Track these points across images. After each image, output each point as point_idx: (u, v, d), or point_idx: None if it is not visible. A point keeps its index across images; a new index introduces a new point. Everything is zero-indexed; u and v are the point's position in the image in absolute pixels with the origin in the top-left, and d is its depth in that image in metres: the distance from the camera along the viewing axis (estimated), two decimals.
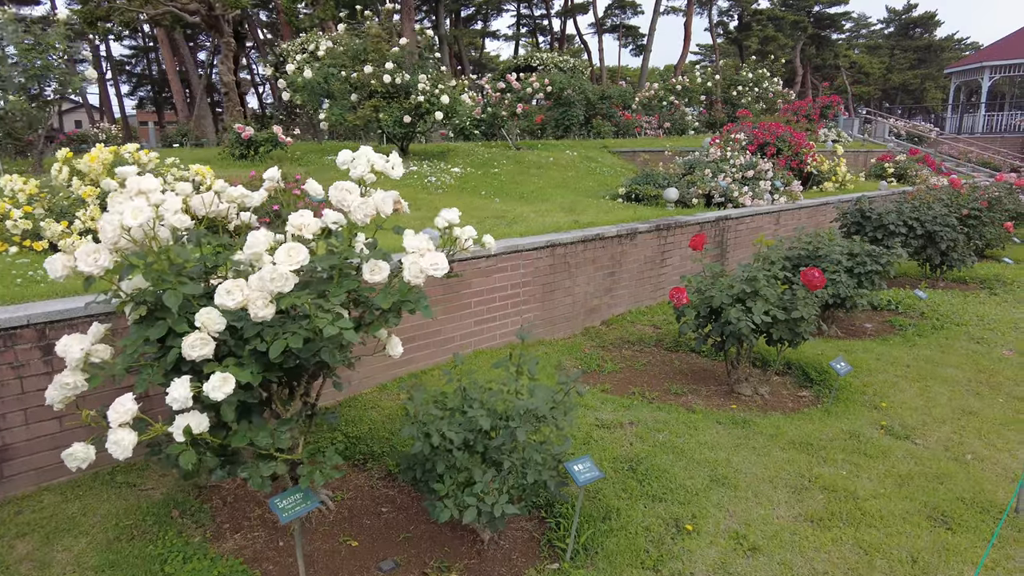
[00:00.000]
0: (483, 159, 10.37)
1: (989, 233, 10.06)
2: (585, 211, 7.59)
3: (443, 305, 5.03)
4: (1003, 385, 4.78)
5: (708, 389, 4.99)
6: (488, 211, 7.31)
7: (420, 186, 8.26)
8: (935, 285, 8.48)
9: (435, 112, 8.73)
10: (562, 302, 5.98)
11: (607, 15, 45.76)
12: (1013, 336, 6.02)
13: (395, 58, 9.18)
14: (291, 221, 2.58)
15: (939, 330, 6.16)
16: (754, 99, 16.25)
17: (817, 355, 5.35)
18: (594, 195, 8.87)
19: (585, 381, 5.14)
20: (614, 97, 16.45)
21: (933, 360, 5.26)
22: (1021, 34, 23.71)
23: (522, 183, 9.21)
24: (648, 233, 6.69)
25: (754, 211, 8.14)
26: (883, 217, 8.12)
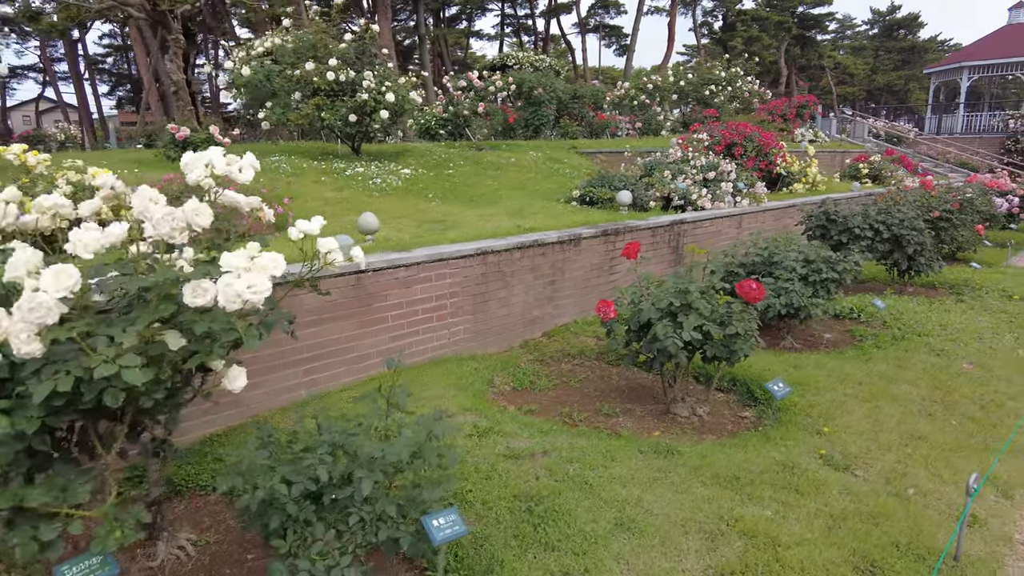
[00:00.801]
0: (439, 160, 9.95)
1: (961, 236, 9.76)
2: (533, 215, 7.19)
3: (356, 319, 4.61)
4: (958, 404, 4.41)
5: (643, 409, 4.59)
6: (429, 215, 6.90)
7: (363, 188, 7.83)
8: (903, 290, 8.14)
9: (380, 111, 8.30)
10: (497, 313, 5.58)
11: (590, 15, 45.46)
12: (976, 347, 5.67)
13: (341, 54, 8.74)
14: (71, 236, 2.15)
15: (899, 341, 5.80)
16: (728, 98, 15.92)
17: (764, 370, 4.97)
18: (550, 198, 8.48)
19: (513, 401, 4.74)
20: (586, 96, 16.08)
21: (888, 376, 4.89)
22: (999, 34, 23.58)
23: (475, 185, 8.80)
24: (594, 239, 6.30)
25: (713, 214, 7.77)
26: (848, 220, 7.78)
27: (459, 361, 5.23)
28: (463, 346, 5.37)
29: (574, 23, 45.77)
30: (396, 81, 8.86)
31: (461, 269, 5.21)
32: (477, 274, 5.33)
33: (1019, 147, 19.45)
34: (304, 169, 8.35)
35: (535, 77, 15.21)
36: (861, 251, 7.64)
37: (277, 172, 8.09)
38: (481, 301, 5.41)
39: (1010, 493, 3.35)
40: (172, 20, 10.97)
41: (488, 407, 4.41)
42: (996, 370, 5.10)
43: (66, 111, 40.54)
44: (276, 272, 2.65)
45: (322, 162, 8.79)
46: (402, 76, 9.15)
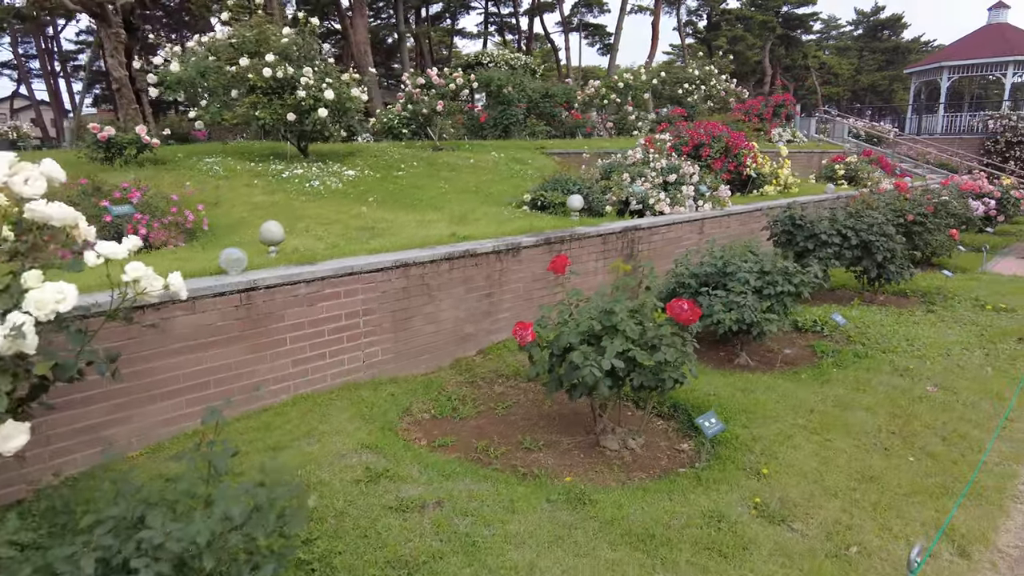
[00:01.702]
0: (392, 160, 9.43)
1: (935, 241, 9.37)
2: (476, 221, 6.69)
3: (246, 343, 4.09)
4: (918, 435, 3.96)
5: (571, 441, 4.11)
6: (361, 221, 6.38)
7: (297, 192, 7.29)
8: (873, 299, 7.72)
9: (319, 109, 7.76)
10: (422, 331, 5.07)
11: (573, 13, 45.03)
12: (942, 364, 5.24)
13: (281, 50, 8.20)
14: None
15: (862, 359, 5.36)
16: (703, 98, 15.50)
17: (709, 395, 4.50)
18: (501, 202, 7.98)
19: (428, 433, 4.24)
20: (558, 95, 15.60)
21: (844, 402, 4.43)
22: (978, 35, 23.37)
23: (424, 188, 8.29)
24: (536, 247, 5.81)
25: (672, 219, 7.30)
26: (815, 225, 7.35)
27: (375, 386, 4.72)
28: (382, 369, 4.86)
29: (557, 21, 45.32)
30: (338, 78, 8.33)
31: (378, 283, 4.70)
32: (397, 288, 4.82)
33: (998, 148, 19.20)
34: (238, 171, 7.81)
35: (504, 75, 14.72)
36: (828, 258, 7.23)
37: (207, 175, 7.54)
38: (403, 318, 4.91)
39: (967, 550, 2.89)
40: (112, 14, 10.36)
41: (392, 443, 3.91)
42: (962, 392, 4.66)
43: (38, 109, 39.59)
44: (63, 307, 2.14)
45: (260, 164, 8.25)
46: (344, 72, 8.62)
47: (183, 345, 3.86)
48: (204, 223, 5.99)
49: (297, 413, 4.22)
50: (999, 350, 5.66)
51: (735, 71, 51.66)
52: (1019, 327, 6.31)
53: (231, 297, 4.02)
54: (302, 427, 4.03)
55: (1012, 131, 18.99)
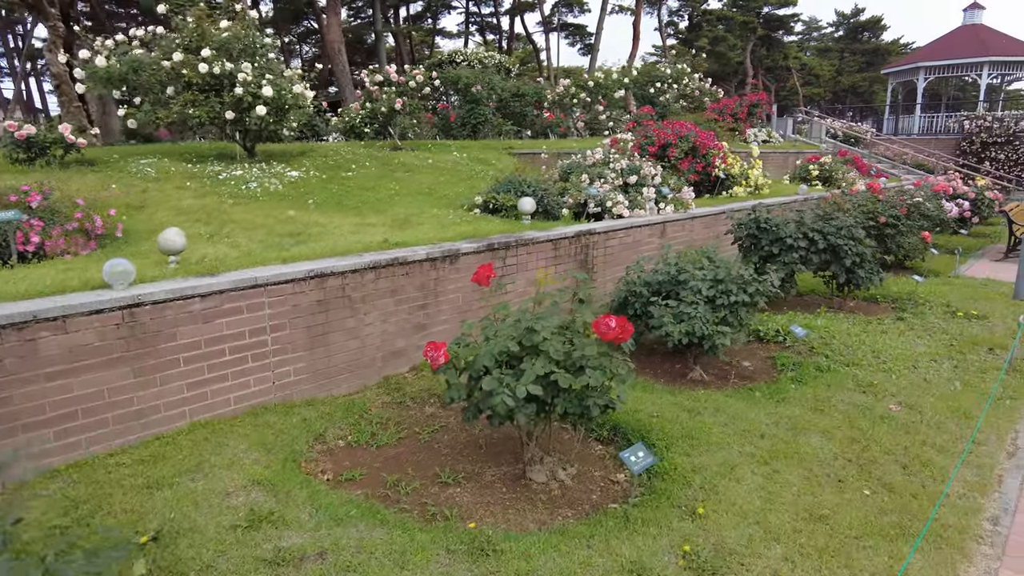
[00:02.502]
0: (343, 160, 8.96)
1: (907, 243, 9.08)
2: (419, 225, 6.26)
3: (129, 365, 3.63)
4: (875, 463, 3.58)
5: (496, 472, 3.69)
6: (291, 226, 5.92)
7: (231, 195, 6.81)
8: (842, 305, 7.39)
9: (257, 107, 7.28)
10: (344, 347, 4.62)
11: (554, 12, 44.71)
12: (908, 379, 4.88)
13: (220, 44, 7.71)
14: None
15: (823, 373, 4.99)
16: (676, 97, 15.17)
17: (652, 417, 4.10)
18: (453, 204, 7.55)
19: (338, 464, 3.80)
20: (528, 94, 15.20)
21: (799, 424, 4.05)
22: (953, 35, 23.32)
23: (373, 189, 7.84)
24: (477, 254, 5.39)
25: (630, 223, 6.91)
26: (780, 229, 6.99)
27: (287, 410, 4.27)
28: (296, 390, 4.41)
29: (538, 21, 44.98)
30: (280, 74, 7.86)
31: (288, 296, 4.25)
32: (311, 301, 4.37)
33: (974, 148, 19.09)
34: (171, 173, 7.30)
35: (472, 74, 14.30)
36: (794, 263, 6.89)
37: (136, 177, 7.03)
38: (320, 334, 4.46)
39: None
40: (48, 7, 9.79)
41: (291, 478, 3.46)
42: (927, 411, 4.30)
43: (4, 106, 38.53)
44: None
45: (198, 165, 7.75)
46: (288, 69, 8.14)
47: (53, 370, 3.39)
48: (118, 229, 5.50)
49: (190, 443, 3.76)
50: (968, 362, 5.33)
51: (717, 72, 51.76)
52: (990, 336, 6.00)
53: (112, 315, 3.56)
54: (192, 459, 3.58)
55: (987, 132, 18.89)
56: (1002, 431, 4.09)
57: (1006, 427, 4.16)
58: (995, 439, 3.98)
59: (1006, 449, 3.88)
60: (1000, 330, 6.24)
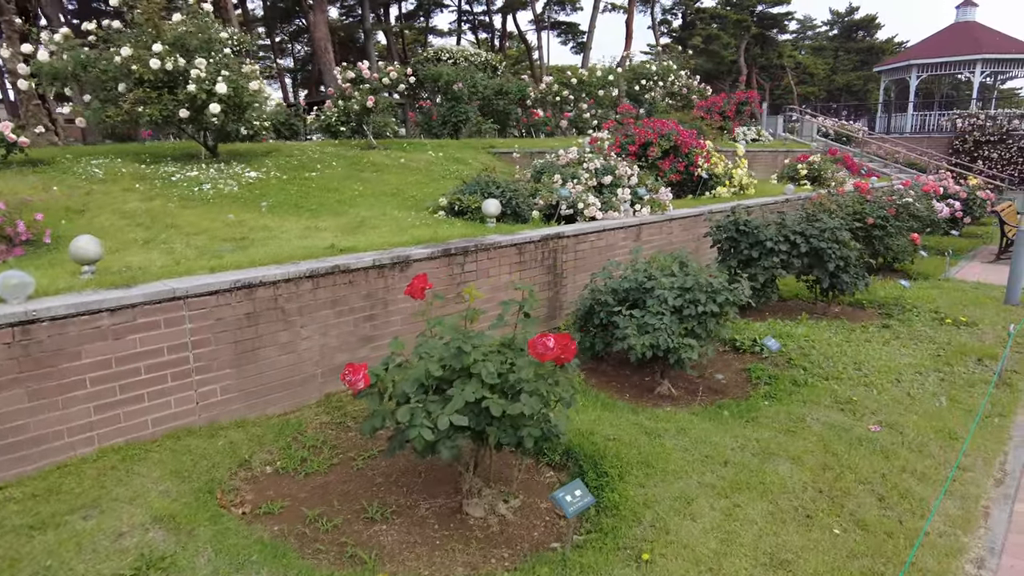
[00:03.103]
0: (308, 160, 8.59)
1: (896, 245, 8.76)
2: (375, 229, 5.90)
3: (23, 387, 3.27)
4: (849, 494, 3.24)
5: (430, 506, 3.34)
6: (237, 230, 5.56)
7: (181, 197, 6.44)
8: (827, 311, 7.05)
9: (210, 104, 6.91)
10: (279, 363, 4.26)
11: (546, 10, 44.37)
12: (891, 394, 4.54)
13: (175, 39, 7.34)
14: None
15: (800, 388, 4.65)
16: (663, 94, 14.82)
17: (608, 440, 3.75)
18: (418, 206, 7.19)
19: (259, 495, 3.44)
20: (512, 92, 14.84)
21: (768, 448, 3.71)
22: (946, 33, 23.03)
23: (336, 191, 7.47)
24: (431, 260, 5.03)
25: (603, 226, 6.56)
26: (760, 231, 6.65)
27: (212, 433, 3.91)
28: (224, 410, 4.05)
29: (530, 20, 44.64)
30: (237, 70, 7.48)
31: (213, 309, 3.89)
32: (240, 314, 4.01)
33: (966, 147, 18.80)
34: (122, 174, 6.93)
35: (453, 71, 13.94)
36: (774, 267, 6.55)
37: (82, 178, 6.66)
38: (250, 349, 4.10)
39: None
40: (5, 2, 9.40)
41: (200, 512, 3.10)
42: (909, 431, 3.97)
43: None
44: None
45: (153, 165, 7.38)
46: (247, 65, 7.77)
47: None
48: (46, 235, 5.12)
49: (95, 472, 3.39)
50: (956, 374, 4.99)
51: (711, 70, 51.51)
52: (979, 344, 5.67)
53: (1, 332, 3.19)
54: (92, 492, 3.21)
55: (980, 130, 18.60)
56: (989, 454, 3.76)
57: (994, 449, 3.82)
58: (982, 464, 3.64)
59: (993, 476, 3.54)
60: (990, 338, 5.92)
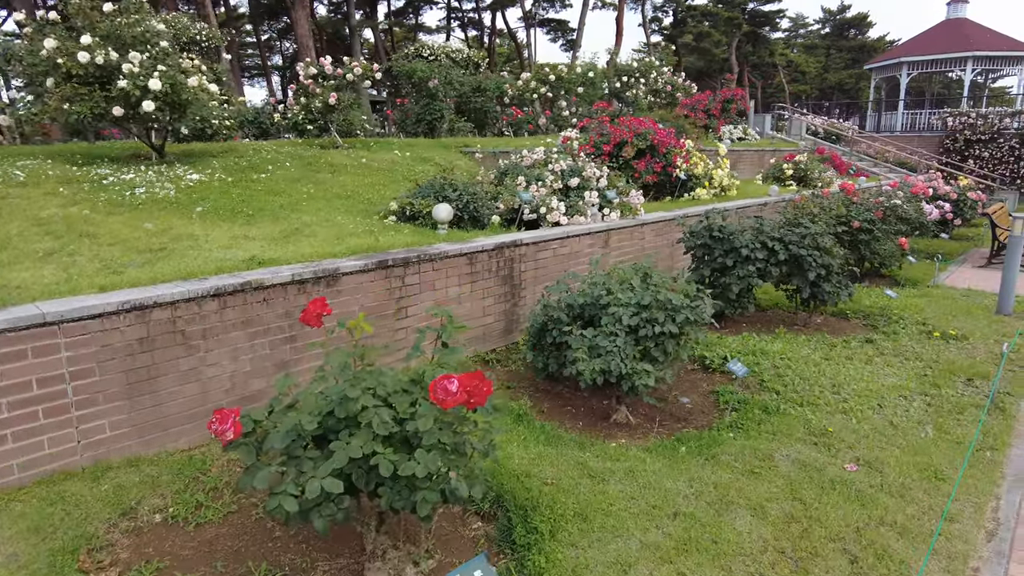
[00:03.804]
0: (261, 161, 8.08)
1: (883, 250, 8.32)
2: (311, 237, 5.40)
3: None
4: (816, 556, 2.77)
5: (328, 569, 2.85)
6: (156, 240, 5.04)
7: (110, 202, 5.92)
8: (808, 323, 6.60)
9: (144, 101, 6.38)
10: (179, 393, 3.76)
11: (535, 6, 43.87)
12: (871, 423, 4.08)
13: (108, 32, 6.81)
14: None
15: (770, 417, 4.18)
16: (647, 91, 14.36)
17: (545, 483, 3.27)
18: (369, 211, 6.68)
19: (135, 552, 2.94)
20: (490, 89, 14.36)
21: (727, 494, 3.23)
22: (937, 30, 22.64)
23: (283, 193, 6.96)
24: (364, 274, 4.53)
25: (566, 232, 6.08)
26: (735, 237, 6.19)
27: (96, 475, 3.40)
28: (114, 447, 3.55)
29: (519, 17, 44.12)
30: (177, 66, 6.95)
31: (97, 334, 3.39)
32: (130, 340, 3.51)
33: (957, 146, 18.41)
34: (47, 177, 6.40)
35: (428, 67, 13.43)
36: (750, 276, 6.08)
37: None
38: (145, 378, 3.59)
39: None
40: None
41: None
42: (890, 470, 3.50)
43: None
44: None
45: (87, 167, 6.85)
46: (187, 60, 7.25)
47: None
48: None
49: None
50: (944, 397, 4.54)
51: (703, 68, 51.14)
52: (969, 361, 5.22)
53: None
54: None
55: (971, 129, 18.22)
56: (981, 498, 3.30)
57: (985, 492, 3.36)
58: (971, 511, 3.18)
59: (984, 526, 3.08)
60: (981, 353, 5.47)
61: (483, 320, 5.45)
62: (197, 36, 14.78)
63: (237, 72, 31.22)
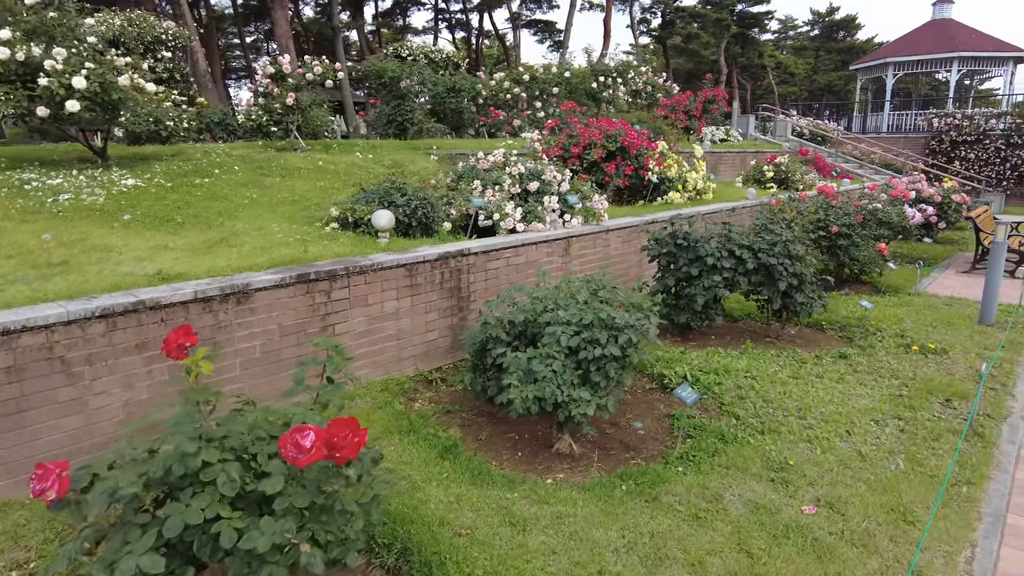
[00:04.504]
0: (208, 164, 7.64)
1: (862, 256, 7.97)
2: (237, 247, 4.97)
3: None
4: None
5: None
6: (62, 252, 4.60)
7: (25, 210, 5.47)
8: (780, 335, 6.22)
9: (68, 101, 5.93)
10: (59, 427, 3.33)
11: (522, 7, 43.53)
12: (837, 455, 3.69)
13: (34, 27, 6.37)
14: None
15: (727, 447, 3.79)
16: (627, 92, 13.99)
17: (457, 535, 2.86)
18: (312, 218, 6.24)
19: None
20: (465, 89, 13.95)
21: (664, 548, 2.82)
22: (923, 30, 22.41)
23: (224, 199, 6.52)
24: (281, 289, 4.11)
25: (521, 240, 5.68)
26: (701, 245, 5.80)
27: None
28: None
29: (507, 18, 43.75)
30: (109, 64, 6.51)
31: None
32: None
33: (943, 147, 18.14)
34: None
35: (399, 66, 13.01)
36: (716, 287, 5.70)
37: None
38: (13, 411, 3.16)
39: None
40: None
41: None
42: (854, 513, 3.11)
43: None
44: None
45: (8, 171, 6.40)
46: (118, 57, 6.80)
47: None
48: None
49: None
50: (919, 421, 4.16)
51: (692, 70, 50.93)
52: (948, 379, 4.85)
53: None
54: None
55: (957, 130, 17.95)
56: (954, 546, 2.91)
57: (959, 537, 2.98)
58: (942, 562, 2.80)
59: None
60: (961, 369, 5.10)
61: (426, 336, 5.04)
62: (163, 35, 14.29)
63: (219, 73, 30.69)
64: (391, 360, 4.81)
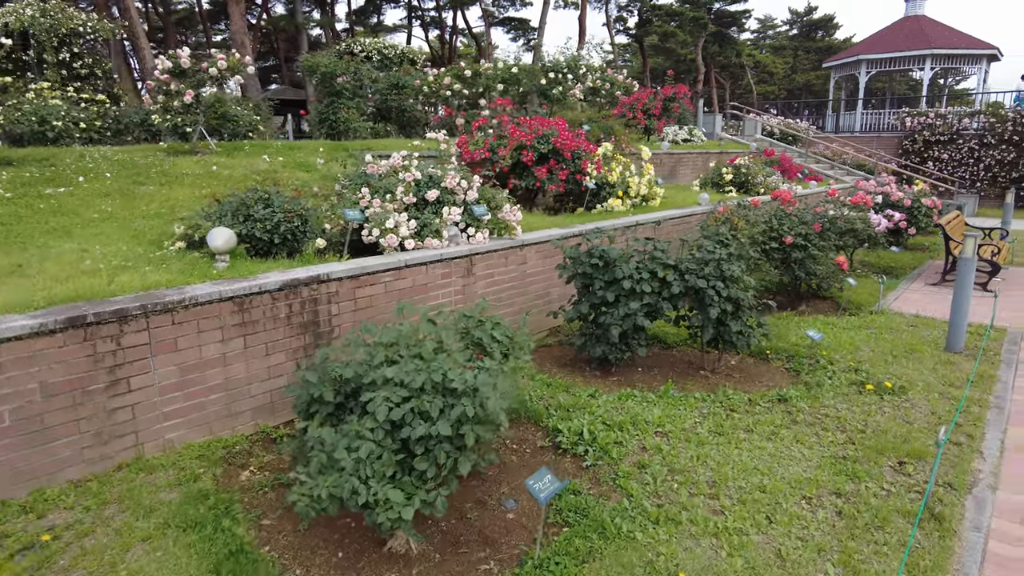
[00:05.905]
0: (76, 171, 6.64)
1: (820, 270, 7.15)
2: (36, 275, 3.98)
3: None
4: None
5: None
6: None
7: None
8: (715, 368, 5.35)
9: None
10: None
11: (495, 4, 42.60)
12: (750, 555, 2.80)
13: None
14: None
15: (606, 544, 2.89)
16: (583, 90, 13.09)
17: None
18: (165, 236, 5.25)
19: None
20: (409, 87, 13.01)
21: None
22: (896, 27, 21.76)
23: (72, 214, 5.52)
24: (45, 337, 3.14)
25: (404, 260, 4.74)
26: (618, 266, 4.91)
27: None
28: None
29: (479, 16, 42.81)
30: None
31: None
32: None
33: (916, 147, 17.48)
34: None
35: (334, 62, 12.04)
36: (633, 315, 4.81)
37: None
38: None
39: None
40: None
41: None
42: None
43: None
44: None
45: None
46: None
47: None
48: None
49: None
50: (863, 498, 3.29)
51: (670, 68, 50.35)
52: (905, 432, 4.00)
53: None
54: None
55: (930, 129, 17.30)
56: None
57: None
58: None
59: None
60: (921, 417, 4.26)
61: (270, 384, 4.09)
62: (80, 28, 13.18)
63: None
64: (218, 416, 3.86)
